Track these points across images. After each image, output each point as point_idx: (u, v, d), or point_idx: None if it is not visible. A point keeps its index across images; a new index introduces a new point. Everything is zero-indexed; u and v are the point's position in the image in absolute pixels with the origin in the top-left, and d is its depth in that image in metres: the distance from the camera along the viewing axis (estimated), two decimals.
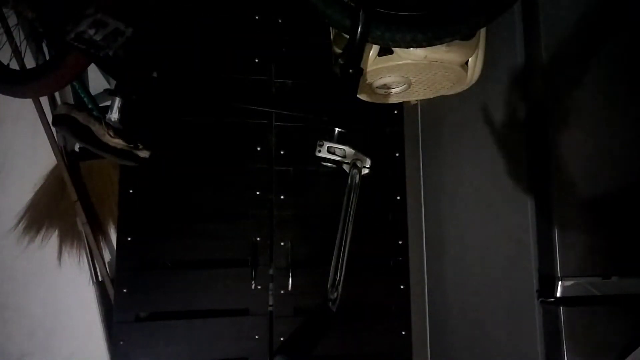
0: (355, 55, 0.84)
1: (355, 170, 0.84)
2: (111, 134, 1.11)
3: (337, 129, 0.86)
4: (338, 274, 0.80)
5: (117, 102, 1.07)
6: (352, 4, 0.81)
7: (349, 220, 0.81)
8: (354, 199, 0.82)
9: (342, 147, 0.85)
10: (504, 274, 1.10)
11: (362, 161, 0.86)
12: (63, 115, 1.12)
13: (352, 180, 0.83)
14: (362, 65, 0.87)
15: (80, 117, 1.11)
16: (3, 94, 1.19)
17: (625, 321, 0.93)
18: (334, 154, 0.86)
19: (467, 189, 1.28)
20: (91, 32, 0.85)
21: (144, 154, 1.19)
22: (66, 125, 1.11)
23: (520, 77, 1.05)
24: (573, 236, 0.95)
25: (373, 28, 0.81)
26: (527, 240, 1.01)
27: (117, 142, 1.12)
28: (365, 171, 0.87)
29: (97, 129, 1.11)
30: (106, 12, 0.83)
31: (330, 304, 0.79)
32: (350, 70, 0.84)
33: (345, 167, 0.88)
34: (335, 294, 0.80)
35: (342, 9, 0.81)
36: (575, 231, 0.95)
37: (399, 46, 0.86)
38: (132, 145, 1.15)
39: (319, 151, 0.86)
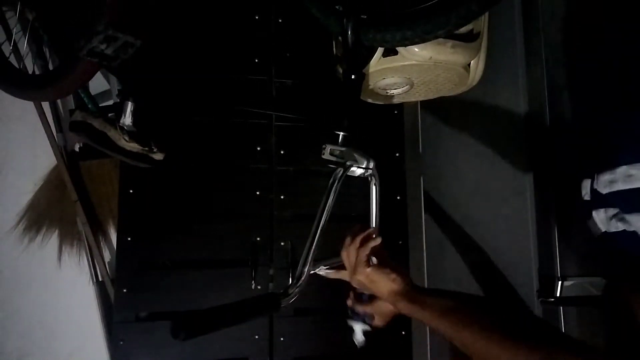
0: (355, 61, 0.85)
1: (339, 169, 0.83)
2: (126, 138, 1.14)
3: (341, 132, 0.86)
4: (305, 268, 0.76)
5: (130, 106, 1.10)
6: (341, 11, 0.82)
7: (324, 217, 0.79)
8: (332, 197, 0.80)
9: (342, 148, 0.85)
10: (504, 274, 1.10)
11: (357, 161, 0.86)
12: (80, 122, 1.16)
13: (332, 179, 0.82)
14: (364, 71, 0.87)
15: (96, 123, 1.15)
16: (17, 97, 1.20)
17: None
18: (335, 155, 0.86)
19: (467, 189, 1.29)
20: (102, 47, 0.88)
21: (158, 156, 1.21)
22: (83, 132, 1.15)
23: (520, 77, 1.05)
24: (573, 236, 0.95)
25: (365, 32, 0.81)
26: (527, 240, 1.01)
27: (133, 146, 1.15)
28: (360, 171, 0.86)
29: (113, 134, 1.14)
30: (116, 28, 0.85)
31: (282, 297, 0.72)
32: (353, 76, 0.85)
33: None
34: (295, 290, 0.73)
35: (338, 18, 0.83)
36: (575, 231, 0.95)
37: (393, 46, 0.87)
38: (147, 149, 1.17)
39: (323, 154, 0.87)
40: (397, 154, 1.43)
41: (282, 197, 1.32)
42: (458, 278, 1.32)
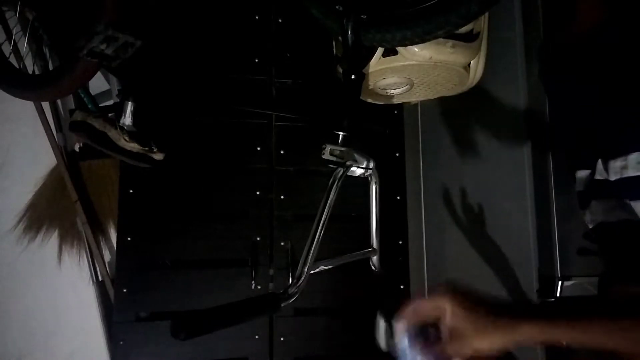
0: (355, 61, 0.85)
1: (339, 169, 0.83)
2: (126, 138, 1.14)
3: (341, 132, 0.86)
4: (305, 268, 0.75)
5: (130, 106, 1.10)
6: (340, 11, 0.82)
7: (324, 217, 0.79)
8: (332, 197, 0.80)
9: (342, 148, 0.85)
10: (504, 274, 1.10)
11: (357, 161, 0.86)
12: (80, 122, 1.17)
13: (332, 179, 0.82)
14: (364, 71, 0.87)
15: (97, 124, 1.15)
16: (17, 97, 1.20)
17: None
18: (335, 155, 0.86)
19: (467, 189, 1.29)
20: (102, 47, 0.89)
21: (158, 156, 1.21)
22: (84, 132, 1.16)
23: (520, 77, 1.05)
24: (573, 236, 0.95)
25: (364, 31, 0.81)
26: (527, 240, 1.01)
27: (133, 146, 1.15)
28: (360, 171, 0.87)
29: (113, 134, 1.15)
30: (116, 28, 0.86)
31: (282, 297, 0.69)
32: (353, 77, 0.85)
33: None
34: (295, 290, 0.71)
35: (338, 18, 0.83)
36: (575, 231, 0.95)
37: (393, 46, 0.87)
38: (147, 149, 1.17)
39: (323, 154, 0.87)
40: (397, 154, 1.43)
41: (282, 197, 1.33)
42: (458, 278, 1.32)
